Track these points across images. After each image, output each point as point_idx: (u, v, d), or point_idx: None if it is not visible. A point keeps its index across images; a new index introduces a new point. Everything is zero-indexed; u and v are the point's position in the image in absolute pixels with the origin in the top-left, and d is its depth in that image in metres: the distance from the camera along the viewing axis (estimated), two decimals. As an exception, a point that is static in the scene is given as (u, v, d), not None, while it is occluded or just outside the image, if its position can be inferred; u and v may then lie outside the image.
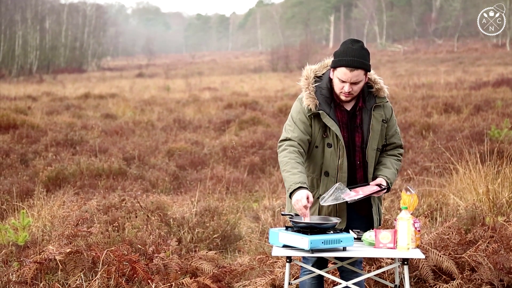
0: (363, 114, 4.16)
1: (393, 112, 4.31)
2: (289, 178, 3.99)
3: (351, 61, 4.00)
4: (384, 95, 4.20)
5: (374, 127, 4.14)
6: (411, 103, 20.04)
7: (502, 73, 34.61)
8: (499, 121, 14.58)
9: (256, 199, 9.68)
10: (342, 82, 4.06)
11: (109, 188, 9.50)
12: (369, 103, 4.17)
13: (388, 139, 4.27)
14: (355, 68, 4.01)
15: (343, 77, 4.03)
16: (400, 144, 4.33)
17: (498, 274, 5.13)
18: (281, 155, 4.15)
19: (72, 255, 5.31)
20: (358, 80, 4.04)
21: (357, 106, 4.16)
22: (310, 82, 4.15)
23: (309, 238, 3.79)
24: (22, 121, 15.62)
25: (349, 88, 4.04)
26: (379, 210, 4.31)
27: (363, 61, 4.02)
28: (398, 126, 4.36)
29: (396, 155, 4.30)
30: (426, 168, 10.48)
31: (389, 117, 4.24)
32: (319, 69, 4.24)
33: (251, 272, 5.64)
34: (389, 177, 4.17)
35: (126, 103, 23.76)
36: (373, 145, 4.15)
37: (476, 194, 7.21)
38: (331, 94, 4.14)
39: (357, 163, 4.15)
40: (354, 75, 4.02)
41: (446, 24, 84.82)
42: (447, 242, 5.42)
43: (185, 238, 6.67)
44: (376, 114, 4.16)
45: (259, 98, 24.30)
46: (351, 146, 4.14)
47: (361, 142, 4.14)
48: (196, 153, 12.69)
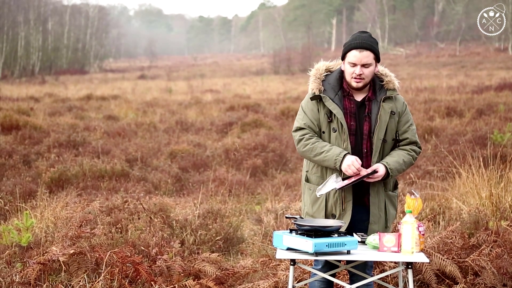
0: (372, 105, 4.25)
1: (407, 108, 4.34)
2: (329, 154, 4.15)
3: (360, 43, 4.17)
4: (394, 87, 4.27)
5: (382, 118, 4.20)
6: (413, 107, 20.03)
7: (504, 77, 34.61)
8: (502, 125, 14.58)
9: (258, 202, 9.68)
10: (353, 66, 4.18)
11: (112, 190, 9.51)
12: (379, 95, 4.26)
13: (401, 134, 4.29)
14: (364, 49, 4.15)
15: (353, 59, 4.17)
16: (414, 141, 4.32)
17: (502, 279, 5.14)
18: (300, 146, 4.28)
19: (76, 256, 5.31)
20: (368, 62, 4.16)
21: (367, 96, 4.25)
22: (321, 73, 4.30)
23: (313, 241, 3.79)
24: (25, 122, 15.62)
25: (360, 70, 4.16)
26: (386, 208, 4.27)
27: (372, 44, 4.18)
28: (414, 125, 4.37)
29: (408, 150, 4.29)
30: (429, 172, 10.48)
31: (400, 111, 4.28)
32: (332, 65, 4.38)
33: (254, 275, 5.64)
34: (389, 163, 4.18)
35: (128, 104, 23.77)
36: (379, 134, 4.20)
37: (479, 198, 7.20)
38: (340, 84, 4.26)
39: (364, 151, 4.22)
40: (363, 55, 4.15)
41: (448, 27, 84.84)
42: (451, 246, 5.43)
43: (188, 240, 6.66)
44: (385, 105, 4.23)
45: (261, 101, 24.30)
46: (359, 135, 4.21)
47: (368, 131, 4.21)
48: (199, 155, 12.69)
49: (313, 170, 4.33)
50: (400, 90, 4.33)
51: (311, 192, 4.30)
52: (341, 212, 4.21)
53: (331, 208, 4.24)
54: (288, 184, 10.28)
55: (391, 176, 4.20)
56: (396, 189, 4.38)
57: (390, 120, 4.23)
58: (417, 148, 4.35)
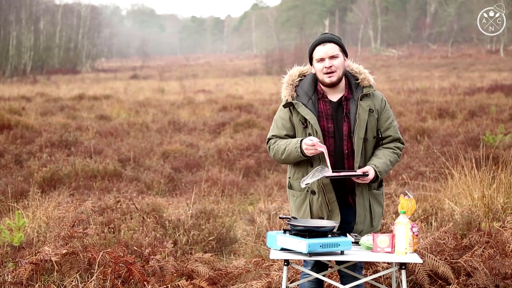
0: (350, 104, 4.22)
1: (386, 104, 4.33)
2: (290, 147, 4.18)
3: (321, 38, 4.23)
4: (369, 83, 4.25)
5: (361, 116, 4.17)
6: (405, 108, 20.08)
7: (496, 79, 34.76)
8: (494, 126, 14.63)
9: (251, 202, 9.68)
10: (321, 62, 4.18)
11: (104, 190, 9.48)
12: (356, 93, 4.24)
13: (383, 132, 4.28)
14: (326, 42, 4.20)
15: (319, 54, 4.19)
16: (397, 138, 4.31)
17: (494, 280, 5.15)
18: (270, 153, 4.35)
19: (68, 256, 5.29)
20: (334, 54, 4.18)
21: (343, 96, 4.23)
22: (294, 78, 4.30)
23: (307, 242, 3.79)
24: (16, 122, 15.56)
25: (329, 63, 4.16)
26: (371, 207, 4.25)
27: (333, 37, 4.23)
28: (395, 121, 4.37)
29: (392, 148, 4.28)
30: (421, 173, 10.50)
31: (379, 109, 4.26)
32: (306, 69, 4.38)
33: (247, 275, 5.64)
34: (377, 165, 4.16)
35: (120, 104, 23.72)
36: (360, 134, 4.17)
37: (472, 199, 7.22)
38: (314, 87, 4.25)
39: (345, 152, 4.19)
40: (328, 48, 4.17)
41: (440, 29, 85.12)
42: (443, 247, 5.44)
43: (180, 240, 6.66)
44: (363, 103, 4.20)
45: (253, 101, 24.30)
46: (337, 136, 4.19)
47: (348, 131, 4.18)
48: (191, 156, 12.67)
49: (295, 176, 4.30)
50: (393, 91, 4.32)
51: (295, 199, 4.29)
52: (329, 213, 4.19)
53: (317, 212, 4.21)
54: (281, 184, 10.28)
55: (379, 178, 4.19)
56: (381, 187, 4.35)
57: (369, 118, 4.20)
58: (401, 144, 4.34)
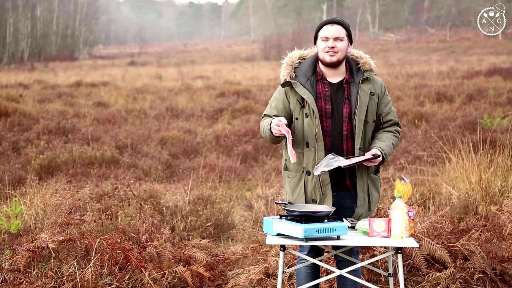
0: (351, 87, 4.27)
1: (386, 89, 4.39)
2: (265, 127, 4.25)
3: (331, 19, 4.31)
4: (370, 67, 4.30)
5: (362, 99, 4.22)
6: (403, 92, 20.05)
7: (494, 62, 34.68)
8: (491, 110, 14.62)
9: (249, 188, 9.69)
10: (325, 41, 4.24)
11: (102, 177, 9.48)
12: (357, 77, 4.28)
13: (384, 116, 4.34)
14: (334, 23, 4.26)
15: (325, 33, 4.25)
16: (396, 122, 4.41)
17: (491, 263, 5.16)
18: (260, 128, 4.40)
19: (65, 243, 5.29)
20: (340, 36, 4.23)
21: (344, 79, 4.27)
22: (294, 60, 4.35)
23: (303, 227, 3.79)
24: (14, 109, 15.53)
25: (333, 43, 4.21)
26: (369, 191, 4.28)
27: (343, 21, 4.30)
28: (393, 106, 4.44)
29: (393, 132, 4.36)
30: (419, 157, 10.50)
31: (380, 93, 4.33)
32: (306, 53, 4.42)
33: (245, 261, 5.65)
34: (383, 148, 4.21)
35: (118, 91, 23.67)
36: (360, 116, 4.21)
37: (469, 183, 7.23)
38: (313, 69, 4.29)
39: (344, 133, 4.22)
40: (335, 29, 4.23)
41: (438, 13, 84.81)
42: (440, 231, 5.44)
43: (178, 226, 6.66)
44: (364, 87, 4.26)
45: (251, 87, 24.24)
46: (336, 117, 4.22)
47: (349, 113, 4.22)
48: (189, 142, 12.67)
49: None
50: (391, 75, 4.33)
51: (290, 180, 4.31)
52: (321, 196, 4.19)
53: (310, 194, 4.23)
54: (278, 170, 10.28)
55: (385, 160, 4.23)
56: (378, 172, 4.38)
57: (370, 101, 4.26)
58: (399, 128, 4.45)
